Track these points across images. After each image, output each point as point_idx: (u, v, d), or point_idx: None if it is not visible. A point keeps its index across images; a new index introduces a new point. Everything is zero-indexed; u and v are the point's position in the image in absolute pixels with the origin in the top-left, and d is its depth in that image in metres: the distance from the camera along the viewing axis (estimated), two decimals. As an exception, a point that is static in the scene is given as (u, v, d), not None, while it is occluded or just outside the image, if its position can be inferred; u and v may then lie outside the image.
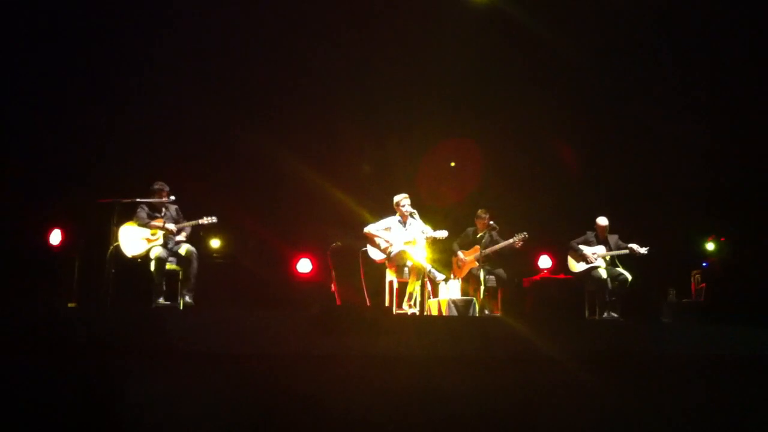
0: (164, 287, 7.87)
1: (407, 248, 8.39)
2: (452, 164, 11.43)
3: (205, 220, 8.10)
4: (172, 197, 8.10)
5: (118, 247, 7.82)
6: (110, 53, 10.14)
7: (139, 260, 7.96)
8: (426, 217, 8.68)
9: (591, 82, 10.83)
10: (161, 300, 7.84)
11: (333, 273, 9.19)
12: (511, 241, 8.97)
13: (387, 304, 8.41)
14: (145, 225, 7.97)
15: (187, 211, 8.33)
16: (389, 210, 8.80)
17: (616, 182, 10.91)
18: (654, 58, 10.91)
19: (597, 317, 8.91)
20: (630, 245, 8.97)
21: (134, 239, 7.97)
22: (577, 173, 11.02)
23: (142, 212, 8.00)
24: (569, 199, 10.68)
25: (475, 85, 10.76)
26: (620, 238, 9.21)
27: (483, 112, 10.88)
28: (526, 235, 8.93)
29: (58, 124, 10.06)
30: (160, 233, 7.97)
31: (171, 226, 8.01)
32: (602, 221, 9.26)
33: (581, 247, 9.21)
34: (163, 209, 8.18)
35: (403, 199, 8.63)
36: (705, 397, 4.84)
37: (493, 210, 9.35)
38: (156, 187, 8.10)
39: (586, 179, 10.94)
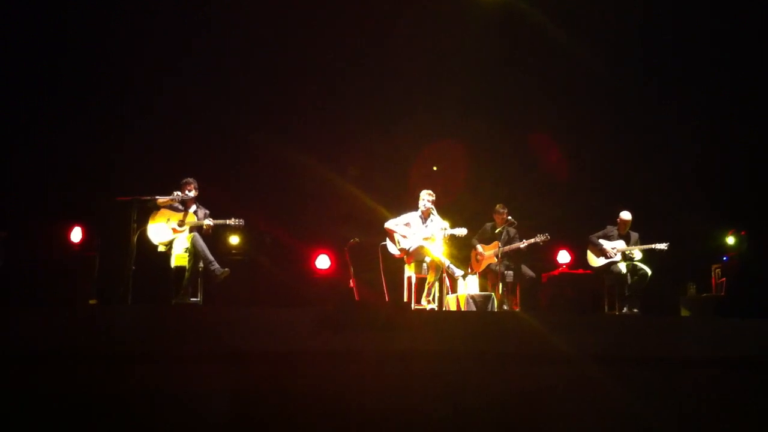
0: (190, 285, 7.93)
1: (426, 244, 8.39)
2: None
3: (232, 221, 8.12)
4: (189, 193, 8.13)
5: (143, 233, 7.89)
6: (131, 53, 10.22)
7: (164, 247, 8.03)
8: (443, 211, 8.67)
9: (609, 78, 10.76)
10: (189, 298, 7.90)
11: (351, 269, 9.20)
12: (532, 241, 8.96)
13: (405, 299, 8.40)
14: (161, 204, 7.98)
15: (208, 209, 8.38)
16: (407, 206, 8.79)
17: (636, 176, 10.84)
18: (673, 54, 10.83)
19: (616, 312, 8.87)
20: (651, 245, 8.95)
21: (162, 227, 8.04)
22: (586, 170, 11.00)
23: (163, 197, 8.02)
24: (589, 193, 10.63)
25: (490, 84, 10.75)
26: (641, 237, 9.16)
27: (500, 109, 10.87)
28: (548, 237, 8.90)
29: (78, 122, 10.15)
30: (186, 227, 8.02)
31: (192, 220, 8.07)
32: (626, 216, 9.17)
33: (601, 241, 9.16)
34: (192, 206, 8.22)
35: (425, 195, 8.62)
36: (724, 396, 4.79)
37: (512, 205, 9.33)
38: (183, 180, 8.17)
39: (606, 174, 10.88)
